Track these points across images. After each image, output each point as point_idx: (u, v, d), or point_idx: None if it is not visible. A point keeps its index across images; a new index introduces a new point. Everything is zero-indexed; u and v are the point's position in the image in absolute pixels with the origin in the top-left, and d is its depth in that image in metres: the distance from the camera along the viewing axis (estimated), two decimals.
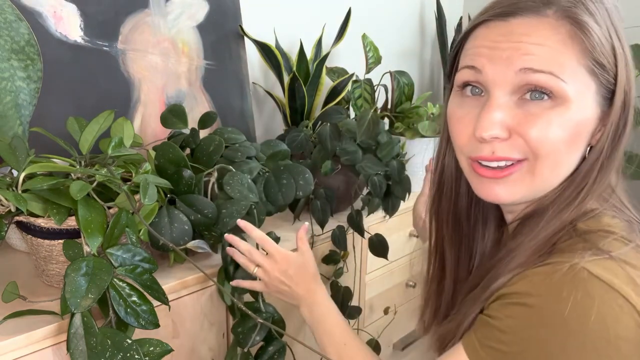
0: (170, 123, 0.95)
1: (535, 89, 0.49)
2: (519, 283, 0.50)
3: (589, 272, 0.46)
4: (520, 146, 0.51)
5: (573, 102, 0.49)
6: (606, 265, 0.47)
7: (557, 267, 0.47)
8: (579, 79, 0.49)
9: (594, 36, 0.49)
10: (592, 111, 0.51)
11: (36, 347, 0.65)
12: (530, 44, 0.49)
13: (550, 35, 0.49)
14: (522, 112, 0.50)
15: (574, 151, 0.52)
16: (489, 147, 0.52)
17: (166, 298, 0.68)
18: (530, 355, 0.47)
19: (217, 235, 0.82)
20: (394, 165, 1.07)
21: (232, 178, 0.82)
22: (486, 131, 0.51)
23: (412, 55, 1.89)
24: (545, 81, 0.49)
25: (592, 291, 0.45)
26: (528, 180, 0.53)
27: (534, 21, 0.50)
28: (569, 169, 0.54)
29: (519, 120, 0.50)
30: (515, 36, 0.50)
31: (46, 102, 0.89)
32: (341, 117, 1.06)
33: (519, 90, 0.50)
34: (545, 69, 0.49)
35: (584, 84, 0.50)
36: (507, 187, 0.53)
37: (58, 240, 0.69)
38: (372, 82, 1.34)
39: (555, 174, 0.53)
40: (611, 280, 0.45)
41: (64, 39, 0.92)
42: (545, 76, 0.49)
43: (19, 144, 0.69)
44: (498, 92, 0.51)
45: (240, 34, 1.21)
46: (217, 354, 0.88)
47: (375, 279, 1.21)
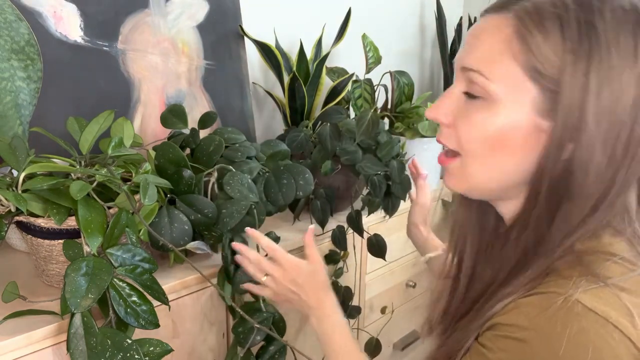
0: (170, 123, 0.95)
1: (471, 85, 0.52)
2: (512, 312, 0.48)
3: (583, 305, 0.44)
4: (454, 137, 0.55)
5: (502, 103, 0.50)
6: (602, 295, 0.45)
7: (552, 299, 0.45)
8: (512, 81, 0.49)
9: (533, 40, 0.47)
10: (525, 117, 0.49)
11: (36, 347, 0.65)
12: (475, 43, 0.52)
13: (494, 34, 0.50)
14: (462, 106, 0.54)
15: (505, 155, 0.51)
16: (439, 129, 0.57)
17: (166, 298, 0.68)
18: None
19: (217, 235, 0.82)
20: (394, 165, 1.07)
21: (232, 178, 0.82)
22: (429, 112, 0.56)
23: (412, 55, 1.89)
24: (474, 78, 0.51)
25: (587, 326, 0.43)
26: (462, 175, 0.55)
27: (494, 18, 0.51)
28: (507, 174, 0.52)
29: (458, 114, 0.54)
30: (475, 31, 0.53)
31: (46, 102, 0.89)
32: (341, 117, 1.06)
33: (466, 86, 0.53)
34: (474, 68, 0.51)
35: (519, 87, 0.49)
36: (450, 177, 0.58)
37: (58, 240, 0.69)
38: (372, 82, 1.34)
39: (487, 175, 0.53)
40: (607, 313, 0.43)
41: (64, 39, 0.92)
42: (474, 74, 0.51)
43: (19, 144, 0.69)
44: (456, 82, 0.55)
45: (240, 34, 1.21)
46: (217, 354, 0.88)
47: (375, 279, 1.21)
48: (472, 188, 0.56)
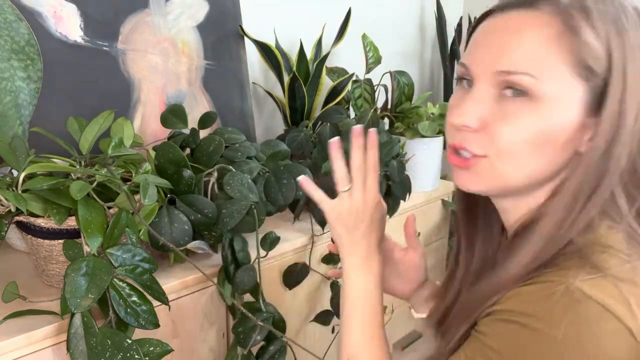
0: (170, 123, 0.95)
1: (512, 86, 0.50)
2: (511, 300, 0.49)
3: (582, 292, 0.45)
4: (484, 143, 0.52)
5: (552, 103, 0.49)
6: (601, 284, 0.45)
7: (552, 287, 0.46)
8: (561, 80, 0.48)
9: (584, 37, 0.47)
10: (574, 115, 0.49)
11: (36, 347, 0.65)
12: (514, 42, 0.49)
13: (537, 32, 0.49)
14: (499, 108, 0.51)
15: (543, 154, 0.51)
16: (460, 135, 0.53)
17: (166, 298, 0.68)
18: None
19: (217, 235, 0.82)
20: (394, 165, 1.07)
21: (232, 178, 0.82)
22: (457, 118, 0.52)
23: (412, 55, 1.89)
24: (521, 81, 0.49)
25: (586, 312, 0.44)
26: (490, 174, 0.53)
27: (528, 16, 0.50)
28: (542, 172, 0.53)
29: (494, 117, 0.51)
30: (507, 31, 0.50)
31: (46, 102, 0.89)
32: (341, 117, 1.06)
33: (499, 86, 0.51)
34: (520, 70, 0.49)
35: (568, 86, 0.48)
36: (471, 177, 0.54)
37: (58, 240, 0.69)
38: (372, 82, 1.34)
39: (519, 174, 0.52)
40: (605, 301, 0.44)
41: (64, 39, 0.92)
42: (521, 77, 0.49)
43: (19, 144, 0.68)
44: (479, 85, 0.52)
45: (240, 34, 1.21)
46: (217, 354, 0.88)
47: None
48: (498, 187, 0.54)
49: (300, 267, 0.97)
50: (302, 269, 0.97)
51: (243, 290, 0.82)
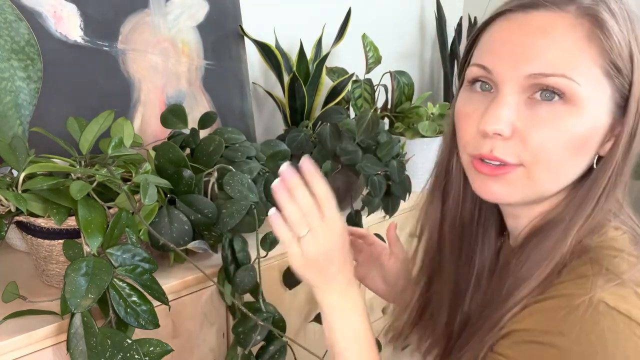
0: (170, 123, 0.95)
1: (546, 89, 0.48)
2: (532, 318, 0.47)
3: (606, 304, 0.44)
4: (518, 151, 0.49)
5: (586, 105, 0.48)
6: (621, 293, 0.45)
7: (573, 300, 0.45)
8: (593, 81, 0.47)
9: (613, 37, 0.47)
10: (604, 117, 0.49)
11: (36, 347, 0.65)
12: (544, 43, 0.47)
13: (567, 33, 0.47)
14: (531, 113, 0.49)
15: (579, 160, 0.50)
16: (490, 143, 0.50)
17: (166, 298, 0.68)
18: None
19: (217, 235, 0.82)
20: (394, 165, 1.07)
21: (232, 178, 0.82)
22: (490, 125, 0.49)
23: (412, 55, 1.89)
24: (556, 83, 0.47)
25: (613, 325, 0.43)
26: (525, 182, 0.51)
27: (554, 16, 0.48)
28: (571, 177, 0.52)
29: (525, 122, 0.49)
30: (532, 31, 0.48)
31: (46, 102, 0.89)
32: (341, 117, 1.06)
33: (529, 89, 0.49)
34: (557, 72, 0.47)
35: (599, 87, 0.48)
36: (504, 186, 0.51)
37: (58, 240, 0.69)
38: (372, 82, 1.34)
39: (555, 181, 0.51)
40: (629, 310, 0.44)
41: (64, 39, 0.92)
42: (557, 79, 0.47)
43: (19, 144, 0.68)
44: (507, 89, 0.49)
45: (240, 34, 1.20)
46: (217, 354, 0.88)
47: None
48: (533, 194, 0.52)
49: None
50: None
51: (243, 290, 0.82)
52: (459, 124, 0.55)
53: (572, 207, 0.51)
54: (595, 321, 0.43)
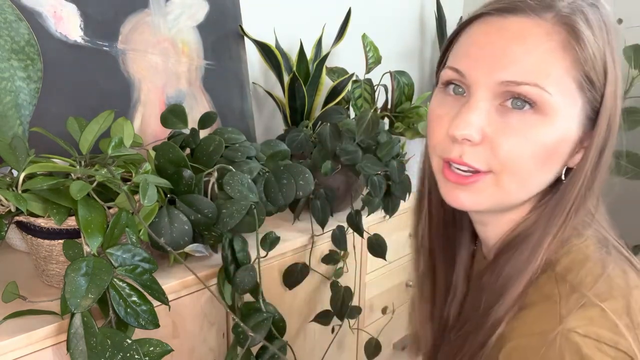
0: (170, 123, 0.95)
1: (517, 97, 0.47)
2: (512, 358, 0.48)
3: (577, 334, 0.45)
4: (487, 157, 0.49)
5: (556, 115, 0.47)
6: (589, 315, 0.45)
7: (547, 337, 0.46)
8: (566, 92, 0.47)
9: (588, 49, 0.46)
10: (574, 129, 0.49)
11: (36, 347, 0.65)
12: (519, 50, 0.47)
13: (543, 42, 0.46)
14: (501, 121, 0.48)
15: (547, 170, 0.50)
16: (459, 149, 0.50)
17: (166, 298, 0.68)
18: None
19: (217, 235, 0.82)
20: (394, 165, 1.07)
21: (232, 178, 0.82)
22: (460, 130, 0.48)
23: (412, 55, 1.89)
24: (528, 92, 0.47)
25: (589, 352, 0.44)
26: (493, 191, 0.51)
27: (531, 23, 0.47)
28: (539, 186, 0.52)
29: (496, 129, 0.48)
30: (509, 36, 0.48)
31: (46, 102, 0.89)
32: (341, 117, 1.06)
33: (501, 96, 0.48)
34: (529, 81, 0.46)
35: (571, 98, 0.48)
36: (471, 195, 0.51)
37: (58, 240, 0.69)
38: (372, 82, 1.34)
39: (523, 190, 0.51)
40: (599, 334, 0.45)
41: (64, 39, 0.92)
42: (529, 88, 0.46)
43: (19, 144, 0.68)
44: (480, 95, 0.49)
45: (240, 34, 1.20)
46: (217, 354, 0.88)
47: (375, 279, 1.21)
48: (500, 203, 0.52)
49: (300, 267, 0.97)
50: (302, 269, 0.97)
51: (243, 290, 0.82)
52: (430, 125, 0.55)
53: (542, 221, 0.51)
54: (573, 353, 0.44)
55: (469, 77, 0.49)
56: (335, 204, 1.08)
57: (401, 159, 1.10)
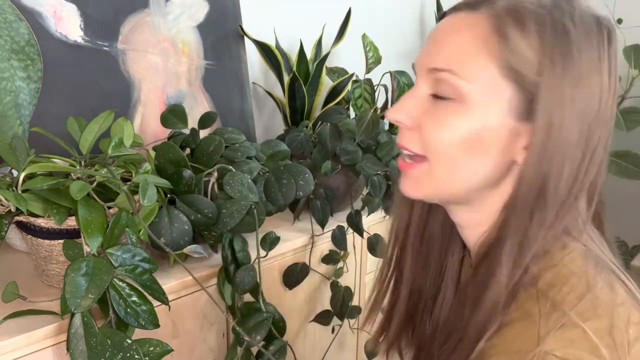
0: (170, 123, 0.95)
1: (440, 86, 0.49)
2: None
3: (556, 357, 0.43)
4: (418, 140, 0.52)
5: (475, 103, 0.48)
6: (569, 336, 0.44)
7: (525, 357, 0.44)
8: (486, 81, 0.47)
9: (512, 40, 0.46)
10: (502, 118, 0.48)
11: (36, 347, 0.65)
12: (446, 41, 0.49)
13: (465, 32, 0.48)
14: (430, 108, 0.51)
15: (475, 158, 0.49)
16: (400, 133, 0.54)
17: (166, 298, 0.68)
18: None
19: (217, 235, 0.82)
20: (394, 165, 1.07)
21: (232, 178, 0.82)
22: (391, 113, 0.53)
23: (412, 55, 1.89)
24: (445, 78, 0.48)
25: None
26: (427, 179, 0.52)
27: (463, 18, 0.50)
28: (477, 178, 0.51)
29: (424, 116, 0.51)
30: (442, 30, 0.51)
31: (46, 102, 0.89)
32: (341, 117, 1.06)
33: (433, 87, 0.51)
34: (446, 67, 0.48)
35: (494, 87, 0.47)
36: (410, 182, 0.54)
37: (58, 240, 0.69)
38: (372, 82, 1.34)
39: (455, 178, 0.51)
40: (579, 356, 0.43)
41: (64, 39, 0.92)
42: (445, 74, 0.48)
43: (19, 144, 0.68)
44: (418, 83, 0.53)
45: (240, 34, 1.20)
46: (217, 354, 0.88)
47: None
48: (437, 194, 0.53)
49: (301, 267, 0.97)
50: (302, 269, 0.97)
51: (243, 290, 0.82)
52: None
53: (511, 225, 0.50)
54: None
55: (415, 68, 0.54)
56: (335, 204, 1.08)
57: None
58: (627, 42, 1.56)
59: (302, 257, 1.00)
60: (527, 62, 0.46)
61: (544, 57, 0.46)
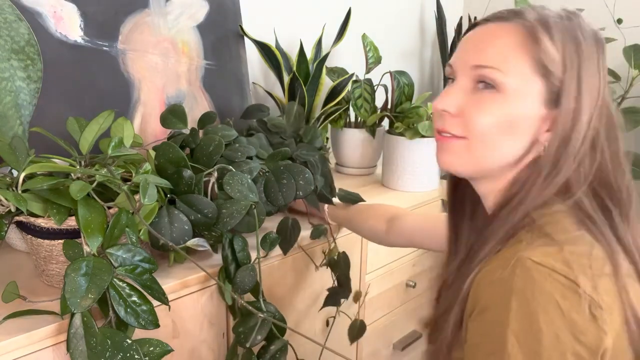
0: (170, 123, 0.95)
1: (483, 80, 0.60)
2: (478, 287, 0.56)
3: (532, 261, 0.53)
4: (462, 125, 0.62)
5: (512, 93, 0.59)
6: (548, 251, 0.54)
7: (507, 262, 0.54)
8: (522, 75, 0.59)
9: (544, 43, 0.58)
10: (533, 107, 0.60)
11: (36, 347, 0.65)
12: (487, 44, 0.61)
13: (505, 37, 0.60)
14: (473, 97, 0.61)
15: (508, 139, 0.61)
16: (442, 120, 0.63)
17: (166, 298, 0.68)
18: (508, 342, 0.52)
19: (217, 235, 0.82)
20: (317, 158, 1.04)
21: (232, 178, 0.82)
22: (439, 104, 0.63)
23: (412, 55, 1.89)
24: (489, 73, 0.60)
25: (539, 276, 0.52)
26: (464, 154, 0.63)
27: (500, 26, 0.61)
28: (508, 155, 0.62)
29: (468, 104, 0.61)
30: (481, 36, 0.62)
31: (46, 102, 0.89)
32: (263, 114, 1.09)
33: (475, 80, 0.61)
34: (491, 64, 0.59)
35: (528, 81, 0.59)
36: (448, 155, 0.64)
37: (58, 240, 0.69)
38: (372, 82, 1.34)
39: (490, 155, 0.62)
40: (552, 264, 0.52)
41: (64, 39, 0.92)
42: (490, 70, 0.60)
43: (19, 144, 0.69)
44: (459, 78, 0.63)
45: (240, 34, 1.21)
46: (217, 354, 0.88)
47: (375, 279, 1.21)
48: (473, 166, 0.63)
49: (292, 222, 0.94)
50: (294, 224, 0.94)
51: (243, 290, 0.82)
52: None
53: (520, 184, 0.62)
54: (523, 274, 0.53)
55: (454, 66, 0.64)
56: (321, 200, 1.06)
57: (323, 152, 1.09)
58: (627, 42, 1.56)
59: (302, 257, 1.00)
60: (555, 61, 0.58)
61: (565, 59, 0.59)
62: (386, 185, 1.32)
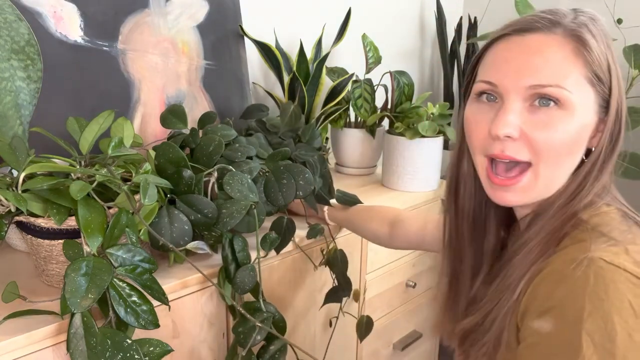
0: (170, 123, 0.95)
1: (543, 97, 0.58)
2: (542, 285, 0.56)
3: (604, 260, 0.53)
4: (526, 149, 0.59)
5: (577, 109, 0.58)
6: (614, 251, 0.54)
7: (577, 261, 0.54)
8: (581, 89, 0.58)
9: (594, 52, 0.58)
10: (591, 117, 0.59)
11: (36, 347, 0.65)
12: (540, 60, 0.58)
13: (557, 51, 0.58)
14: (532, 117, 0.58)
15: (574, 154, 0.60)
16: (500, 145, 0.60)
17: (166, 298, 0.68)
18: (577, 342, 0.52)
19: (217, 235, 0.82)
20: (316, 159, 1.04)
21: (232, 178, 0.82)
22: (501, 130, 0.59)
23: (412, 55, 1.89)
24: (553, 92, 0.57)
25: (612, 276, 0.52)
26: (533, 184, 0.60)
27: (545, 38, 0.58)
28: (569, 170, 0.61)
29: (529, 125, 0.58)
30: (529, 50, 0.58)
31: (46, 102, 0.89)
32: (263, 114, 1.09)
33: (529, 98, 0.58)
34: (552, 83, 0.57)
35: (586, 93, 0.58)
36: (516, 194, 0.61)
37: (58, 240, 0.69)
38: (372, 82, 1.34)
39: (557, 175, 0.61)
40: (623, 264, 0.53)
41: (64, 39, 0.92)
42: (553, 89, 0.57)
43: (19, 144, 0.69)
44: (512, 99, 0.59)
45: (240, 34, 1.21)
46: (217, 354, 0.88)
47: (375, 279, 1.21)
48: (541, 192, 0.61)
49: (287, 221, 0.93)
50: (289, 223, 0.93)
51: (243, 290, 0.82)
52: (470, 130, 0.64)
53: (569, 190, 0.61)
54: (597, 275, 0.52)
55: (500, 86, 0.60)
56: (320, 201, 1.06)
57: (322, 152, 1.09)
58: (627, 42, 1.56)
59: (302, 257, 1.00)
60: (602, 66, 0.58)
61: (609, 64, 0.59)
62: (386, 185, 1.32)
